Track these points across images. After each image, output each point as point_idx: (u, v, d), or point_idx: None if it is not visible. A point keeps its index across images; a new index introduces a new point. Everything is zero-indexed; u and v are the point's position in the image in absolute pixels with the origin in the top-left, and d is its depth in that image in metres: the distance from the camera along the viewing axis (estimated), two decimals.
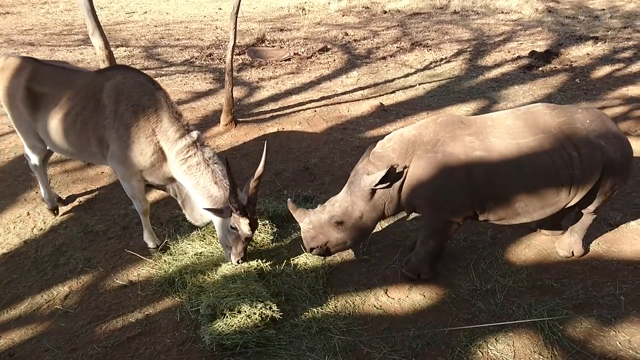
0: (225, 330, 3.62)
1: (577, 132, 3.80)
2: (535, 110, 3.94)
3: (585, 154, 3.76)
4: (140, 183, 4.43)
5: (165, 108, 4.24)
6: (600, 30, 12.46)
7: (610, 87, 8.74)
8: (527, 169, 3.73)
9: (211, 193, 4.20)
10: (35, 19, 15.13)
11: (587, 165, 3.78)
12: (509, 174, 3.74)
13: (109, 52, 7.04)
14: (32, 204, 5.53)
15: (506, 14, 14.85)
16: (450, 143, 3.79)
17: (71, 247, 4.83)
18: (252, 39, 12.29)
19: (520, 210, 3.89)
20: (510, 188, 3.79)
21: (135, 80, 4.30)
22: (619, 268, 4.35)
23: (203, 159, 4.24)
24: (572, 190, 3.85)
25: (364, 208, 3.94)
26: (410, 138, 3.90)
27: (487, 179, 3.75)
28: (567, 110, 3.93)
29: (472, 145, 3.77)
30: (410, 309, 4.01)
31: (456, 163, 3.75)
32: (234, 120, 7.32)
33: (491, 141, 3.78)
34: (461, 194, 3.82)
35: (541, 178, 3.76)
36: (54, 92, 4.40)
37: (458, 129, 3.86)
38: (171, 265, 4.43)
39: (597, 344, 3.62)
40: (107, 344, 3.74)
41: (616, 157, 3.82)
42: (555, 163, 3.74)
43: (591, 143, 3.78)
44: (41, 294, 4.26)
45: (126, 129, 4.17)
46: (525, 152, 3.73)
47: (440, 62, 10.56)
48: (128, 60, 10.67)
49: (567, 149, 3.76)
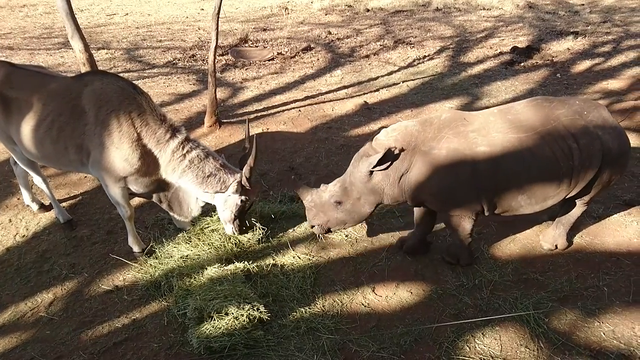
0: (212, 333, 3.60)
1: (575, 124, 3.88)
2: (534, 104, 4.03)
3: (584, 145, 3.84)
4: (124, 189, 4.38)
5: (149, 111, 4.20)
6: (580, 25, 12.63)
7: (590, 81, 8.86)
8: (529, 161, 3.81)
9: (220, 176, 4.33)
10: (14, 23, 14.90)
11: (587, 156, 3.85)
12: (512, 167, 3.82)
13: (89, 55, 6.97)
14: (14, 211, 5.45)
15: (487, 11, 14.98)
16: (454, 140, 3.88)
17: (55, 253, 4.77)
18: (235, 39, 12.24)
19: (523, 202, 3.98)
20: (513, 181, 3.87)
21: (115, 85, 4.22)
22: (602, 260, 4.41)
23: (201, 150, 4.33)
24: (573, 181, 3.93)
25: (362, 190, 4.06)
26: (414, 132, 3.98)
27: (491, 174, 3.83)
28: (565, 102, 4.01)
29: (476, 141, 3.85)
30: (398, 306, 4.03)
31: (461, 159, 3.83)
32: (218, 121, 7.29)
33: (494, 136, 3.86)
34: (467, 189, 3.90)
35: (543, 170, 3.84)
36: (28, 97, 4.28)
37: (461, 125, 3.94)
38: (157, 269, 4.40)
39: (581, 335, 3.67)
40: (93, 351, 3.70)
41: (614, 147, 3.89)
42: (555, 155, 3.82)
43: (590, 134, 3.85)
44: (25, 302, 4.20)
45: (109, 134, 4.10)
46: (527, 145, 3.82)
47: (423, 60, 10.61)
48: (110, 63, 10.55)
49: (566, 141, 3.84)
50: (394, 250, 4.63)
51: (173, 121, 4.33)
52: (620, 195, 5.29)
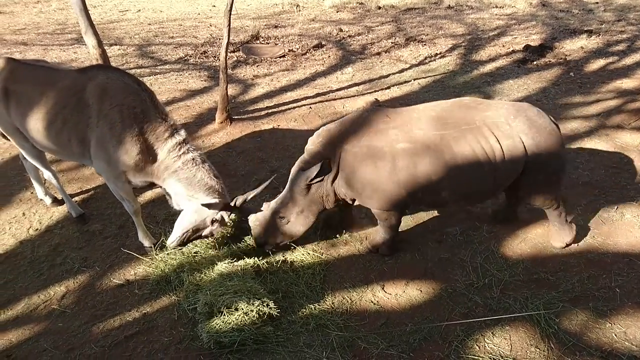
0: (222, 328, 3.62)
1: (499, 126, 3.97)
2: (461, 104, 4.14)
3: (507, 146, 3.94)
4: (125, 184, 4.44)
5: (152, 108, 4.27)
6: (594, 24, 12.48)
7: (604, 80, 8.77)
8: (450, 159, 3.90)
9: (210, 184, 4.32)
10: (28, 19, 15.03)
11: (509, 157, 3.94)
12: (432, 164, 3.91)
13: (102, 51, 7.02)
14: (27, 205, 5.51)
15: (500, 8, 14.86)
16: (374, 137, 3.99)
17: (67, 247, 4.82)
18: (246, 36, 12.25)
19: (447, 198, 4.08)
20: (434, 177, 3.95)
21: (120, 80, 4.29)
22: (614, 260, 4.37)
23: (198, 154, 4.37)
24: (497, 180, 4.02)
25: (303, 202, 4.22)
26: (337, 133, 4.14)
27: (412, 170, 3.93)
28: (492, 105, 4.13)
29: (396, 138, 3.96)
30: (407, 304, 4.03)
31: (381, 156, 3.95)
32: (229, 117, 7.31)
33: (415, 133, 3.96)
34: (389, 185, 4.00)
35: (463, 168, 3.92)
36: (34, 89, 4.35)
37: (382, 122, 4.06)
38: (168, 263, 4.43)
39: (593, 336, 3.64)
40: (104, 344, 3.74)
41: (539, 150, 3.97)
42: (476, 153, 3.90)
43: (513, 137, 3.94)
44: (38, 294, 4.25)
45: (111, 128, 4.16)
46: (448, 143, 3.91)
47: (435, 57, 10.56)
48: (122, 59, 10.62)
49: (489, 140, 3.92)
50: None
51: (174, 121, 4.40)
52: (633, 196, 5.24)
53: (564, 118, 7.21)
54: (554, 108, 7.61)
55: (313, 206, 4.27)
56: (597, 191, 5.39)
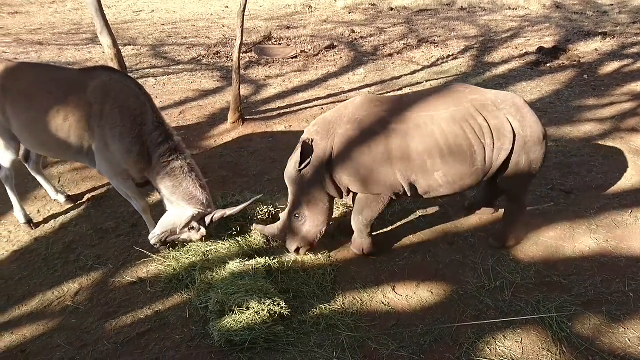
0: (233, 327, 3.65)
1: (486, 107, 4.06)
2: (450, 88, 4.26)
3: (495, 125, 4.02)
4: (128, 181, 4.53)
5: (149, 113, 4.36)
6: (608, 26, 12.36)
7: (619, 83, 8.68)
8: (440, 138, 3.96)
9: (194, 194, 4.39)
10: (44, 19, 15.21)
11: (498, 135, 4.02)
12: (424, 142, 3.96)
13: (117, 51, 7.10)
14: (42, 202, 5.58)
15: (513, 10, 14.77)
16: (367, 120, 4.06)
17: (81, 245, 4.88)
18: (258, 37, 12.30)
19: (441, 181, 4.09)
20: (426, 157, 3.99)
21: (122, 83, 4.40)
22: (628, 265, 4.33)
23: (186, 162, 4.42)
24: (487, 160, 4.06)
25: (305, 191, 4.24)
26: (331, 120, 4.21)
27: (404, 150, 3.98)
28: (480, 90, 4.24)
29: (389, 120, 4.03)
30: (418, 306, 4.02)
31: (374, 137, 4.01)
32: (241, 118, 7.34)
33: (406, 115, 4.04)
34: (383, 166, 4.03)
35: (455, 147, 3.97)
36: (31, 87, 4.42)
37: (375, 107, 4.14)
38: (180, 262, 4.46)
39: (606, 340, 3.61)
40: (117, 340, 3.78)
41: (525, 133, 4.05)
42: (466, 132, 3.97)
43: (500, 117, 4.04)
44: (52, 291, 4.31)
45: (112, 128, 4.26)
46: (438, 122, 3.98)
47: (447, 59, 10.52)
48: (136, 59, 10.72)
49: (477, 120, 4.00)
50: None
51: (168, 127, 4.48)
52: None
53: (578, 121, 7.16)
54: (567, 110, 7.55)
55: (316, 193, 4.24)
56: (610, 194, 5.34)
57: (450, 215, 5.12)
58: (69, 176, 6.08)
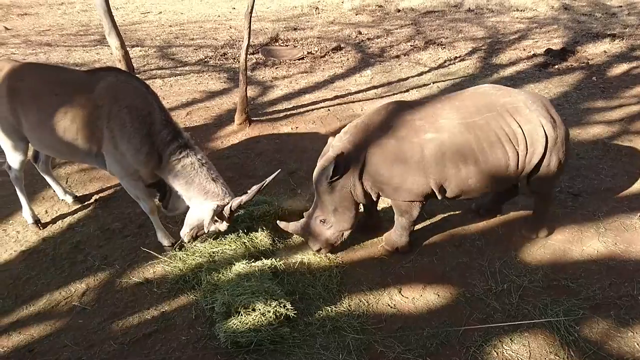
0: (239, 328, 3.65)
1: (519, 110, 4.06)
2: (482, 92, 4.24)
3: (528, 130, 4.03)
4: (139, 182, 4.56)
5: (157, 111, 4.37)
6: (617, 28, 12.29)
7: (627, 85, 8.62)
8: (475, 146, 3.97)
9: (208, 189, 4.40)
10: (53, 20, 15.31)
11: (531, 141, 4.04)
12: (459, 151, 3.97)
13: (125, 52, 7.14)
14: (50, 202, 5.62)
15: (521, 12, 14.70)
16: (401, 128, 4.04)
17: (88, 245, 4.90)
18: (265, 38, 12.32)
19: (473, 186, 4.11)
20: (461, 165, 4.00)
21: (129, 84, 4.43)
22: (636, 268, 4.30)
23: (196, 158, 4.44)
24: (520, 165, 4.09)
25: (333, 201, 4.22)
26: (364, 127, 4.17)
27: (439, 159, 3.98)
28: (511, 91, 4.23)
29: (423, 128, 4.01)
30: (425, 308, 4.00)
31: (409, 146, 3.99)
32: (248, 119, 7.35)
33: (440, 123, 4.03)
34: (417, 175, 4.03)
35: (489, 154, 3.99)
36: (40, 89, 4.44)
37: (408, 114, 4.12)
38: (186, 263, 4.47)
39: (614, 345, 3.58)
40: (123, 341, 3.79)
41: (556, 134, 4.09)
42: (500, 139, 3.99)
43: (533, 121, 4.03)
44: (59, 291, 4.33)
45: (121, 129, 4.28)
46: (473, 130, 3.98)
47: (455, 61, 10.49)
48: (143, 60, 10.76)
49: (511, 126, 4.01)
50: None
51: (177, 125, 4.49)
52: None
53: (586, 123, 7.11)
54: (575, 112, 7.51)
55: (345, 202, 4.24)
56: (619, 197, 5.30)
57: (457, 218, 5.10)
58: (76, 177, 6.11)
